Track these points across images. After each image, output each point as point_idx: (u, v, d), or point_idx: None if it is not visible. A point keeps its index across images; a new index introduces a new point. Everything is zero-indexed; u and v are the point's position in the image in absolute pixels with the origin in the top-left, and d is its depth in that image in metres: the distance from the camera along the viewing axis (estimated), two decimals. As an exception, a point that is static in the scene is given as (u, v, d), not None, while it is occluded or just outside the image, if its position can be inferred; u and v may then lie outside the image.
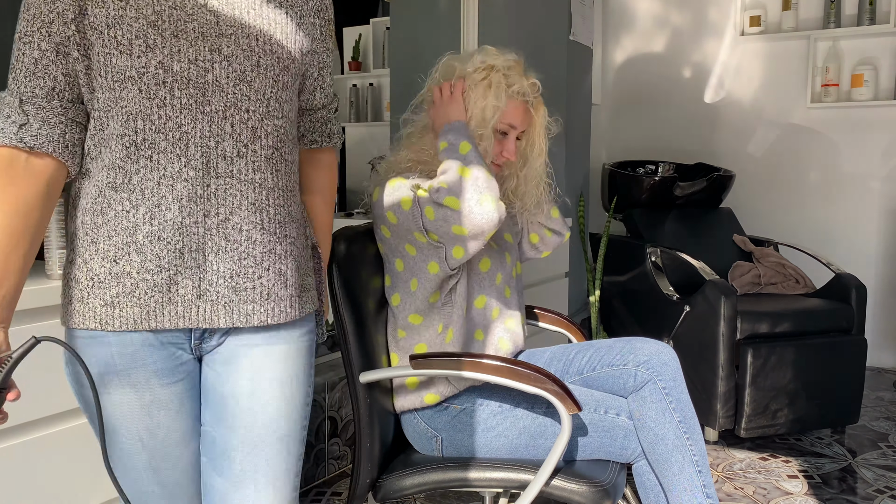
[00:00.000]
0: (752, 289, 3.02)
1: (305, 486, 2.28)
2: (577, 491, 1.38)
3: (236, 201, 1.02)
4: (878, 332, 3.81)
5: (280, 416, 1.09)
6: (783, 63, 3.93)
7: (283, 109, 1.07)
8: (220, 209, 1.01)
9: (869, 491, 2.34)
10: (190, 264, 1.00)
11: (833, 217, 3.88)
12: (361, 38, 4.82)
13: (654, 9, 4.26)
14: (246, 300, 1.04)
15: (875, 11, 3.65)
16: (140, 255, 1.00)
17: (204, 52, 0.99)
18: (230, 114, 1.01)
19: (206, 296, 1.02)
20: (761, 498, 2.28)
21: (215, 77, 1.00)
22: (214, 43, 1.00)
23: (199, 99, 0.99)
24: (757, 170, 4.03)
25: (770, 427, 2.67)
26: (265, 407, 1.08)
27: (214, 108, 1.00)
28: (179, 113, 0.99)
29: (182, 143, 0.99)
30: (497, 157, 1.59)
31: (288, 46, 1.07)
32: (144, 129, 0.98)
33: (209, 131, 1.00)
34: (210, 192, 1.00)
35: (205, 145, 1.00)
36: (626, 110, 4.38)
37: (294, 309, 1.09)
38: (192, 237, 1.00)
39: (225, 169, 1.01)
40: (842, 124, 3.83)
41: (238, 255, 1.03)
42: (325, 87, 1.20)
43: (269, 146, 1.05)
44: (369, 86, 4.80)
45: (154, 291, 1.00)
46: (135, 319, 1.01)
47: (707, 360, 2.67)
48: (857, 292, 2.82)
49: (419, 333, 1.53)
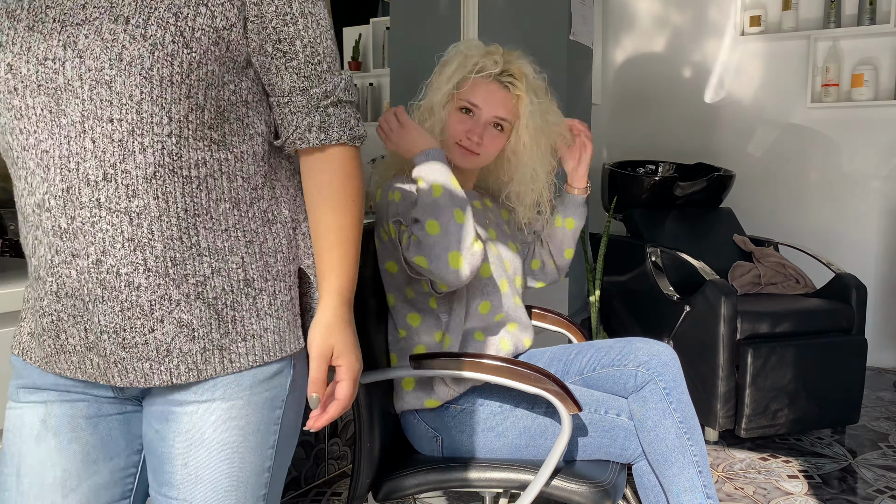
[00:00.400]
0: (753, 289, 3.01)
1: (306, 485, 2.28)
2: (578, 491, 1.38)
3: (108, 237, 0.80)
4: (878, 332, 3.81)
5: (222, 495, 0.88)
6: (783, 63, 3.93)
7: (173, 112, 0.80)
8: (88, 249, 0.80)
9: (869, 491, 2.34)
10: (71, 311, 0.83)
11: (833, 217, 3.88)
12: (361, 38, 4.82)
13: (654, 9, 4.26)
14: (139, 357, 0.84)
15: (875, 11, 3.65)
16: (34, 291, 0.87)
17: (55, 49, 0.79)
18: (89, 126, 0.79)
19: (96, 349, 0.84)
20: (761, 498, 2.28)
21: (67, 80, 0.78)
22: (71, 34, 0.79)
23: (52, 108, 0.79)
24: (757, 170, 4.03)
25: (770, 427, 2.67)
26: (200, 481, 0.88)
27: (70, 119, 0.79)
28: (37, 126, 0.80)
29: (44, 165, 0.80)
30: (462, 137, 1.53)
31: (183, 23, 0.80)
32: (13, 145, 0.82)
33: (67, 150, 0.79)
34: (75, 226, 0.80)
35: (64, 167, 0.79)
36: (626, 110, 4.38)
37: (211, 365, 0.86)
38: (64, 280, 0.82)
39: (90, 197, 0.79)
40: (842, 124, 3.82)
41: (119, 305, 0.82)
42: (298, 66, 0.88)
43: (150, 164, 0.80)
44: (369, 86, 4.80)
45: (45, 335, 0.87)
46: (44, 359, 0.88)
47: (707, 360, 2.67)
48: (857, 292, 2.82)
49: (419, 335, 1.52)
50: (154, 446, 0.90)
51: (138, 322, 0.83)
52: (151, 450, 0.91)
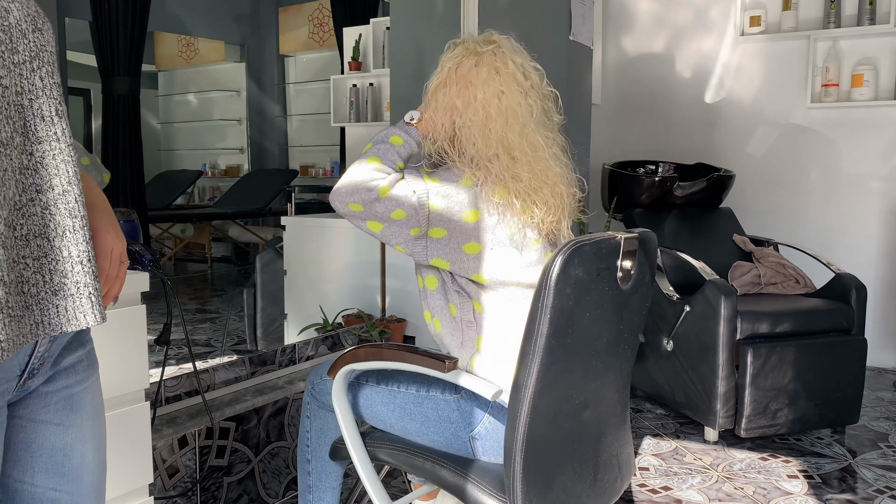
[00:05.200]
0: (752, 289, 3.01)
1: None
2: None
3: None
4: (878, 332, 3.81)
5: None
6: (783, 63, 3.93)
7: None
8: None
9: (869, 491, 2.34)
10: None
11: (833, 217, 3.88)
12: (361, 38, 4.82)
13: (654, 9, 4.26)
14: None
15: (875, 11, 3.65)
16: None
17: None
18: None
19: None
20: (761, 498, 2.28)
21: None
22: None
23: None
24: (757, 170, 4.03)
25: (770, 427, 2.67)
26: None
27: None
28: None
29: None
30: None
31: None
32: None
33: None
34: None
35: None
36: (626, 110, 4.38)
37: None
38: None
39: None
40: (842, 124, 3.83)
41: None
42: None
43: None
44: (369, 86, 4.80)
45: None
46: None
47: (707, 360, 2.67)
48: (857, 292, 2.82)
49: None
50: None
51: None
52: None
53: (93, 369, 0.99)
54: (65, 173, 0.85)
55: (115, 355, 1.42)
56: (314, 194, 6.55)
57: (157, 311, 1.81)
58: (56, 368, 0.92)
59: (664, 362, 2.92)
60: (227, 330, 4.33)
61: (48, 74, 0.85)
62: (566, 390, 1.30)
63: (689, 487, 2.35)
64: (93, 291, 0.87)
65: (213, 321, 4.60)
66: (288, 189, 6.63)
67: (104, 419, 1.01)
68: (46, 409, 0.92)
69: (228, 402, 2.13)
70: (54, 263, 0.84)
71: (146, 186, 5.50)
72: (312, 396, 1.69)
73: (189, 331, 4.19)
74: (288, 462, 2.26)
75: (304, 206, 6.04)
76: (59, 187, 0.84)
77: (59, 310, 0.84)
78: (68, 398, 0.94)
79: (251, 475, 2.14)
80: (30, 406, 0.91)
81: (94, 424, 0.98)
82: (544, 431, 1.28)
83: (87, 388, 0.97)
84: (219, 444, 2.03)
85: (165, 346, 1.69)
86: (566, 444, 1.35)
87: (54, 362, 0.92)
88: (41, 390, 0.92)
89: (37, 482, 0.93)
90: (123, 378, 1.45)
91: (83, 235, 0.87)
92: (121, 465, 1.44)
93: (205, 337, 4.08)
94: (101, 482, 1.00)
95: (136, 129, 5.25)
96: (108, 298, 0.98)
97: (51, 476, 0.93)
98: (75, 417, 0.95)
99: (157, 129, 8.69)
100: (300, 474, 1.73)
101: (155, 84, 8.66)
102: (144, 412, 1.49)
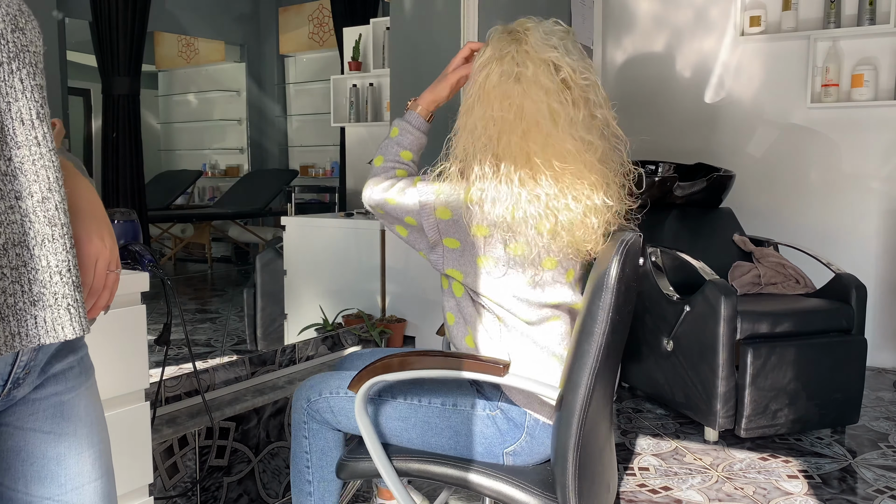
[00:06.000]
0: (752, 289, 3.01)
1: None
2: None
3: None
4: (878, 332, 3.81)
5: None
6: (783, 63, 3.93)
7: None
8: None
9: (869, 491, 2.34)
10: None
11: (833, 217, 3.88)
12: (361, 38, 4.82)
13: (654, 9, 4.26)
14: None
15: (875, 11, 3.65)
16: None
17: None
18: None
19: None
20: (761, 498, 2.28)
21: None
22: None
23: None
24: (757, 170, 4.03)
25: (770, 427, 2.67)
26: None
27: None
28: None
29: None
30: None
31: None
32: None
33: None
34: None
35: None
36: (625, 110, 4.37)
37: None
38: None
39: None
40: (842, 124, 3.83)
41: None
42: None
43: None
44: (369, 86, 4.80)
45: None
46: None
47: (707, 360, 2.67)
48: (857, 292, 2.82)
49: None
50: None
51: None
52: None
53: (86, 376, 0.96)
54: (45, 179, 0.82)
55: (115, 355, 1.42)
56: (314, 194, 6.56)
57: (157, 311, 1.81)
58: (45, 376, 0.90)
59: (664, 362, 2.92)
60: (227, 330, 4.33)
61: (29, 76, 0.81)
62: (603, 390, 1.32)
63: (689, 487, 2.35)
64: (72, 303, 0.83)
65: (213, 321, 4.60)
66: (288, 189, 6.63)
67: (104, 426, 0.99)
68: (34, 417, 0.90)
69: (228, 402, 2.13)
70: (34, 273, 0.81)
71: (146, 186, 5.51)
72: (309, 416, 1.58)
73: (189, 331, 4.19)
74: (288, 462, 2.26)
75: (304, 206, 6.04)
76: (38, 194, 0.81)
77: (38, 321, 0.81)
78: (58, 405, 0.92)
79: (251, 475, 2.14)
80: (17, 414, 0.90)
81: (91, 432, 0.95)
82: (591, 430, 1.29)
83: (80, 395, 0.94)
84: (219, 444, 2.03)
85: (165, 346, 1.68)
86: (604, 446, 1.37)
87: (42, 370, 0.90)
88: (29, 398, 0.90)
89: (31, 491, 0.91)
90: (123, 378, 1.44)
91: (63, 244, 0.83)
92: (121, 466, 1.44)
93: (205, 337, 4.08)
94: (107, 490, 0.98)
95: (136, 129, 5.25)
96: (96, 310, 0.94)
97: (46, 485, 0.91)
98: (67, 425, 0.92)
99: (157, 129, 8.70)
100: (299, 493, 1.64)
101: (155, 84, 8.66)
102: (144, 412, 1.49)
